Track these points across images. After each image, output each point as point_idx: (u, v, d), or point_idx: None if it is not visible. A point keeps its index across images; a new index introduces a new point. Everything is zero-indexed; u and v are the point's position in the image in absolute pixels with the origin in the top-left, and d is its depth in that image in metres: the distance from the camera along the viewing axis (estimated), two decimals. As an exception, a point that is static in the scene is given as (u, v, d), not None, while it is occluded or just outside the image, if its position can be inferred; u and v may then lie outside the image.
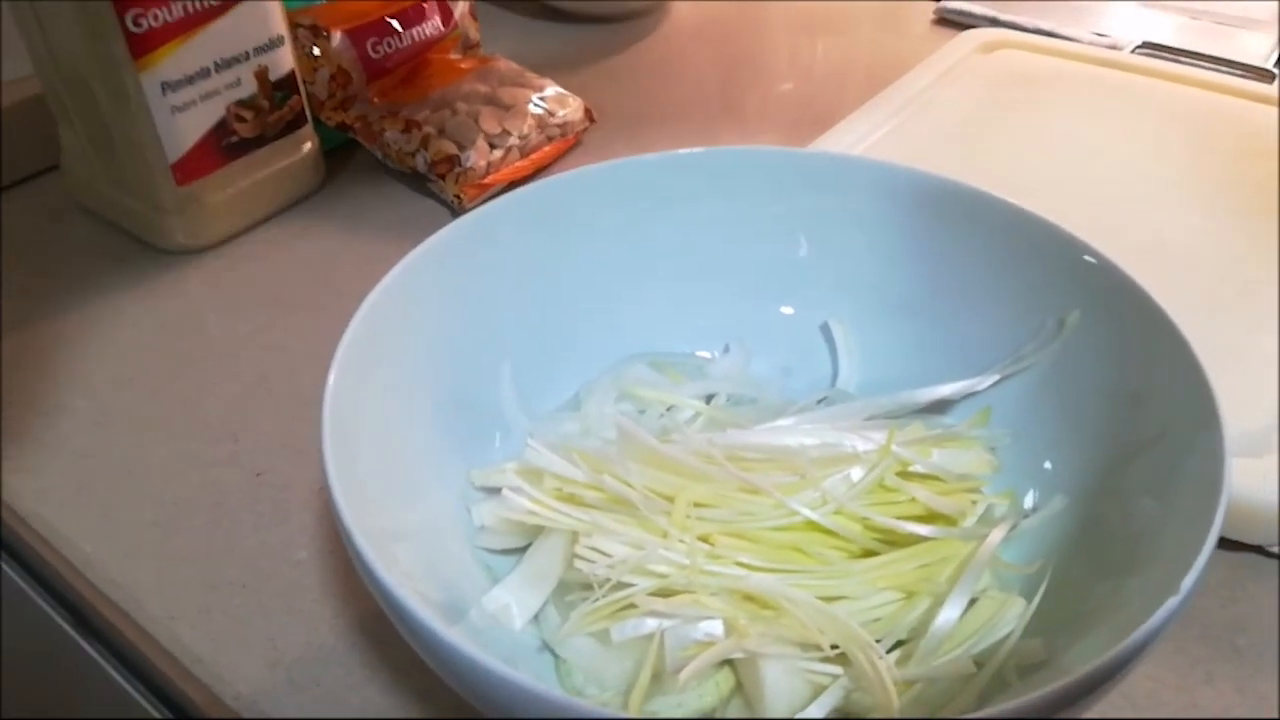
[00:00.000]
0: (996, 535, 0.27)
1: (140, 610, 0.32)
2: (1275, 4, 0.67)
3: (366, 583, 0.23)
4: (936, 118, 0.53)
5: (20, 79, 0.52)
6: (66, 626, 0.36)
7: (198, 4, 0.43)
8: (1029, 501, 0.31)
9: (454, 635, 0.21)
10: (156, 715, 0.34)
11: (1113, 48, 0.62)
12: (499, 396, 0.34)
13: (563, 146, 0.54)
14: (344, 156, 0.55)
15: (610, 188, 0.36)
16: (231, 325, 0.44)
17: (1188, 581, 0.21)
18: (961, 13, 0.69)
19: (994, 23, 0.67)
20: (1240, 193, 0.46)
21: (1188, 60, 0.59)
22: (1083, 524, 0.29)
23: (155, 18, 0.42)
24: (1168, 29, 0.66)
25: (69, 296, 0.46)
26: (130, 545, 0.34)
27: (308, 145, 0.51)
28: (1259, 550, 0.33)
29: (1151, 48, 0.62)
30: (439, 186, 0.51)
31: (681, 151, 0.36)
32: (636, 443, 0.28)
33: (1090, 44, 0.63)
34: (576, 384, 0.36)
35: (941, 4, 0.71)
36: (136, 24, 0.42)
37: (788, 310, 0.38)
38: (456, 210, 0.51)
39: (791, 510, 0.27)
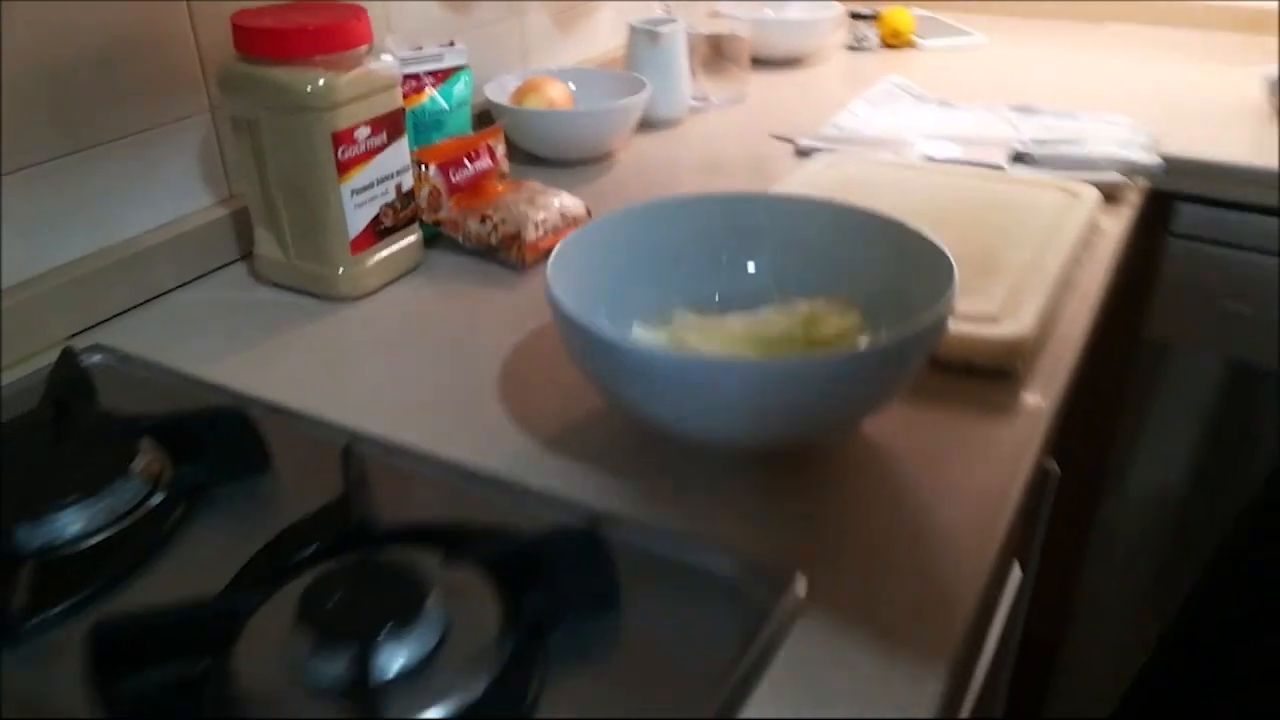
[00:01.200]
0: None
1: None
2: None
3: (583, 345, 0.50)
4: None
5: (204, 209, 0.79)
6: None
7: (370, 144, 0.72)
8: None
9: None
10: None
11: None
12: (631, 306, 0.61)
13: (575, 227, 0.84)
14: (434, 242, 0.83)
15: (653, 214, 0.65)
16: (379, 341, 0.71)
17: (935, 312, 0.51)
18: (811, 148, 1.04)
19: (833, 152, 1.01)
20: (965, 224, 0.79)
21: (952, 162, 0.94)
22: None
23: (350, 152, 0.71)
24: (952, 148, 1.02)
25: (278, 332, 0.72)
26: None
27: (417, 233, 0.79)
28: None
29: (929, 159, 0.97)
30: (505, 254, 0.79)
31: (668, 198, 0.66)
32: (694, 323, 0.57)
33: (894, 161, 0.97)
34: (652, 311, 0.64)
35: (800, 143, 1.05)
36: (341, 156, 0.70)
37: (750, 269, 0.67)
38: (519, 269, 0.79)
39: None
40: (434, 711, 0.40)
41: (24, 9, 0.65)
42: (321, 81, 0.67)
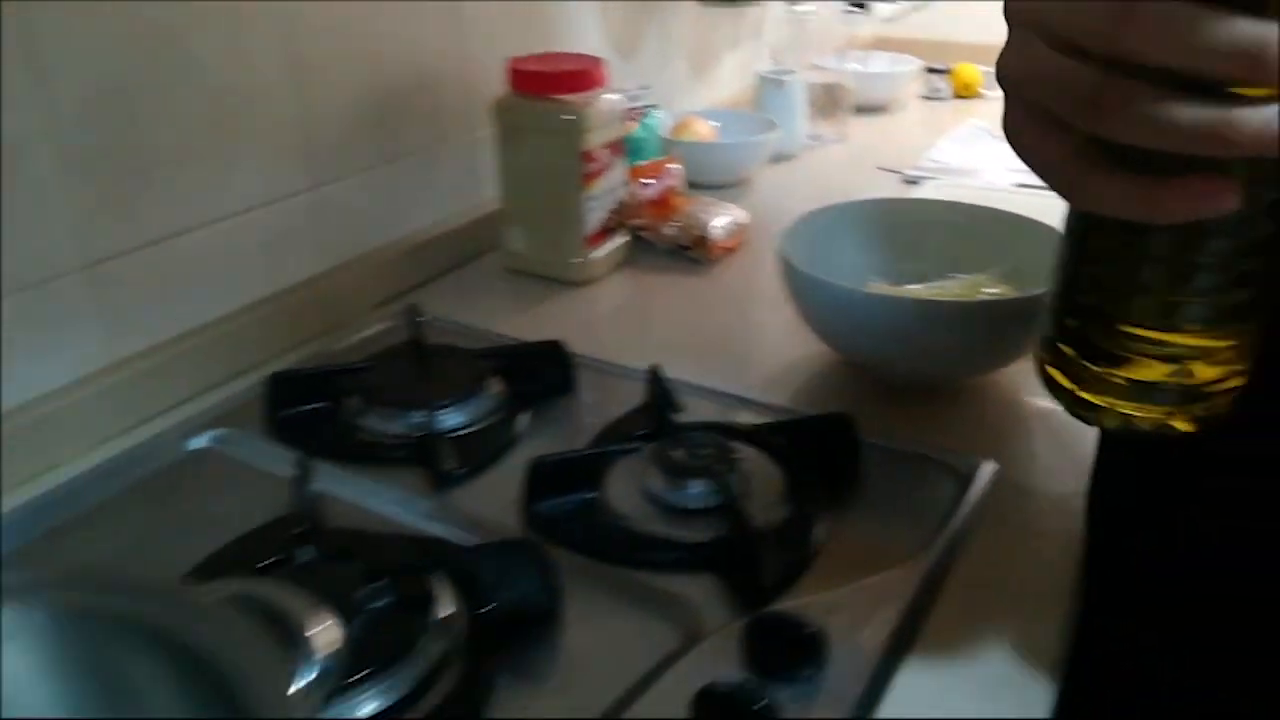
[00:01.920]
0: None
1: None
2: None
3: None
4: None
5: (462, 211, 1.00)
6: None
7: (605, 162, 0.93)
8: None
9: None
10: None
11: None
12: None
13: (743, 233, 1.05)
14: (630, 244, 1.04)
15: (849, 211, 0.85)
16: (613, 313, 0.91)
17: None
18: (917, 177, 1.25)
19: (936, 180, 1.22)
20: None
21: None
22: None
23: (592, 167, 0.91)
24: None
25: (528, 309, 0.92)
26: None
27: (627, 235, 1.00)
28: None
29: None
30: (694, 252, 1.00)
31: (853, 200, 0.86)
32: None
33: (990, 186, 1.18)
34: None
35: (906, 173, 1.26)
36: (587, 169, 0.91)
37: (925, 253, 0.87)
38: (704, 263, 0.99)
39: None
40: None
41: (357, 52, 0.86)
42: (578, 113, 0.89)
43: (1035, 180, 0.38)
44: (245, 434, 0.70)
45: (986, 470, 0.66)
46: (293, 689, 0.30)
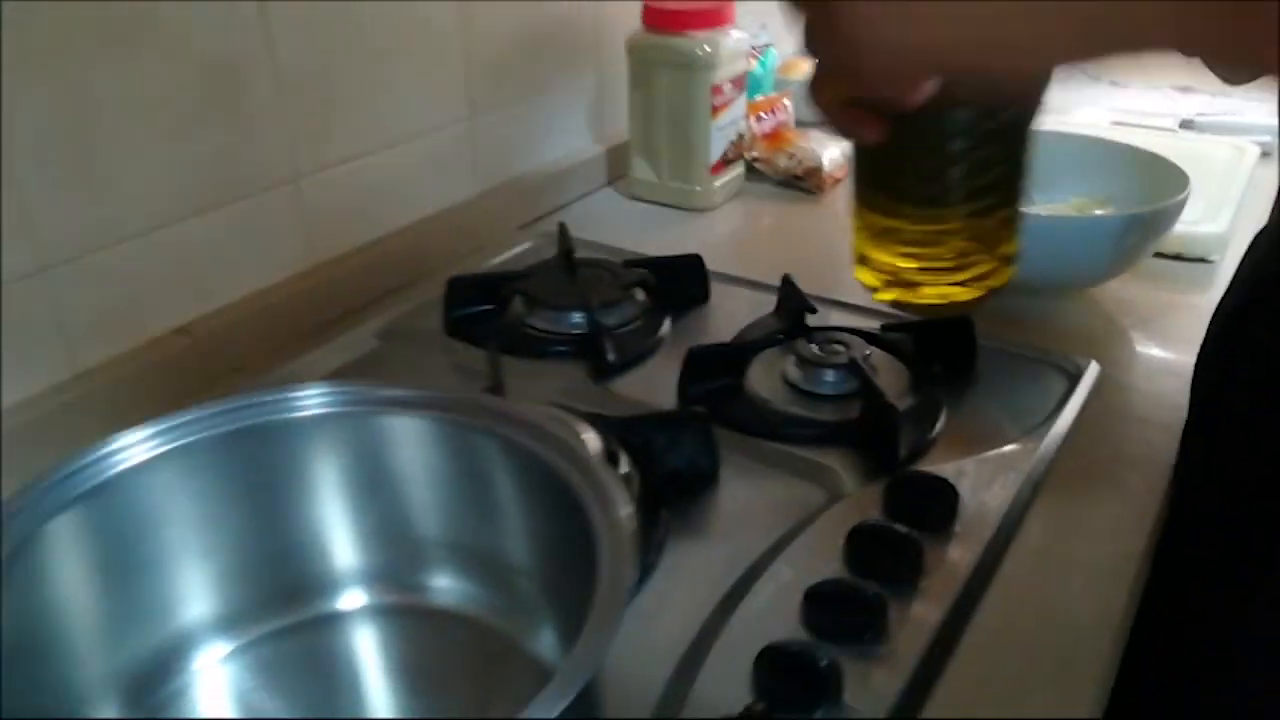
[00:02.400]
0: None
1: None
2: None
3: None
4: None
5: (587, 147, 1.08)
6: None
7: (730, 96, 1.00)
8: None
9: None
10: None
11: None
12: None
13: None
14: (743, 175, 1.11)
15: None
16: (735, 235, 0.99)
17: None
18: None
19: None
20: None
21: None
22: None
23: (719, 100, 0.99)
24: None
25: (655, 232, 1.00)
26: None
27: (742, 166, 1.07)
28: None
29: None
30: (806, 183, 1.07)
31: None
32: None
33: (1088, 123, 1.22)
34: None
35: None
36: (715, 102, 0.98)
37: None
38: (816, 194, 1.07)
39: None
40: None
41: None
42: (709, 47, 0.96)
43: (1129, 118, 0.49)
44: (425, 332, 0.80)
45: (1093, 370, 0.73)
46: (623, 512, 0.39)
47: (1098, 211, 0.83)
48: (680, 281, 0.84)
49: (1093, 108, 1.29)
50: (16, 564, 0.37)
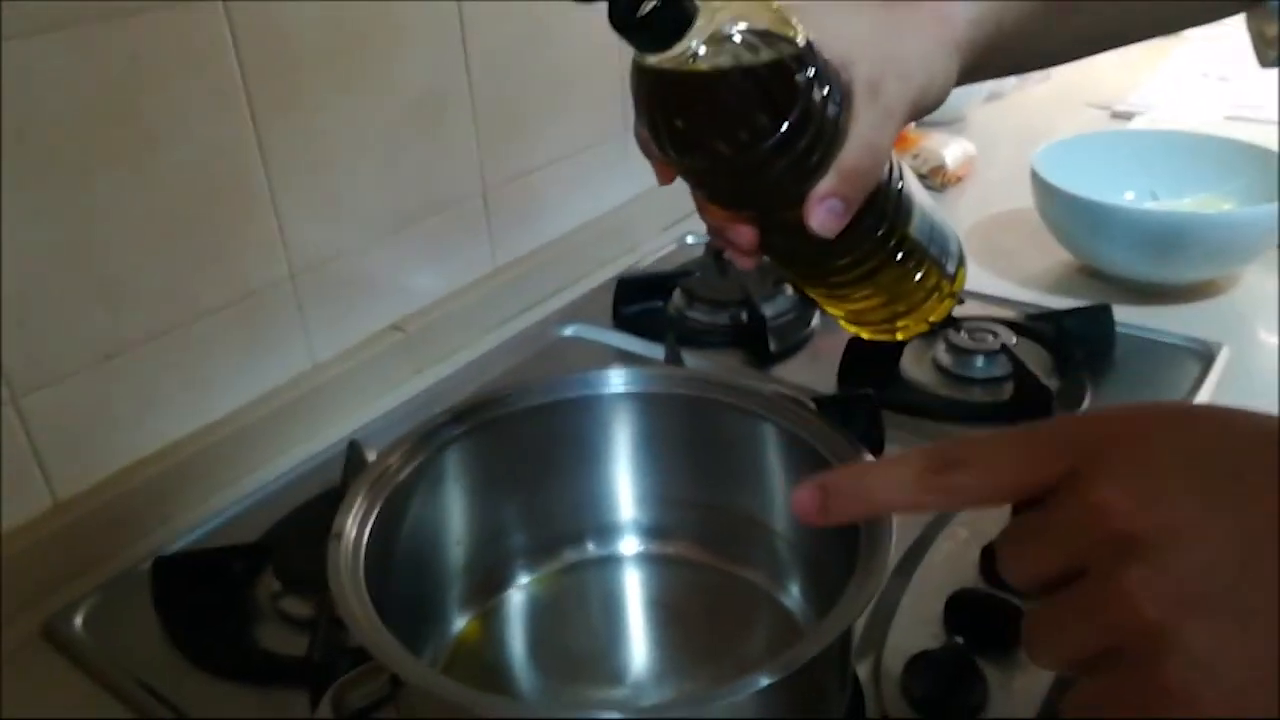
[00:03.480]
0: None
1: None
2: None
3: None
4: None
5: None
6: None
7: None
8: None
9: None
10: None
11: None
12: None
13: (972, 163, 1.17)
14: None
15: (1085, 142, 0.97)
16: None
17: None
18: (1127, 112, 1.34)
19: (1145, 114, 1.31)
20: None
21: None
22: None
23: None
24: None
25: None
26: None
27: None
28: None
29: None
30: (931, 180, 1.13)
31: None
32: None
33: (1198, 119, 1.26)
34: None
35: (1116, 108, 1.35)
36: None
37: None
38: (940, 190, 1.13)
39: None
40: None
41: None
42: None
43: (1244, 113, 0.54)
44: (596, 325, 0.89)
45: (1224, 355, 0.79)
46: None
47: (1224, 207, 0.88)
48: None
49: (1205, 104, 1.32)
50: (420, 478, 0.48)
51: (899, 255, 0.51)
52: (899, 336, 0.55)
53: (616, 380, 0.53)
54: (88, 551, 0.64)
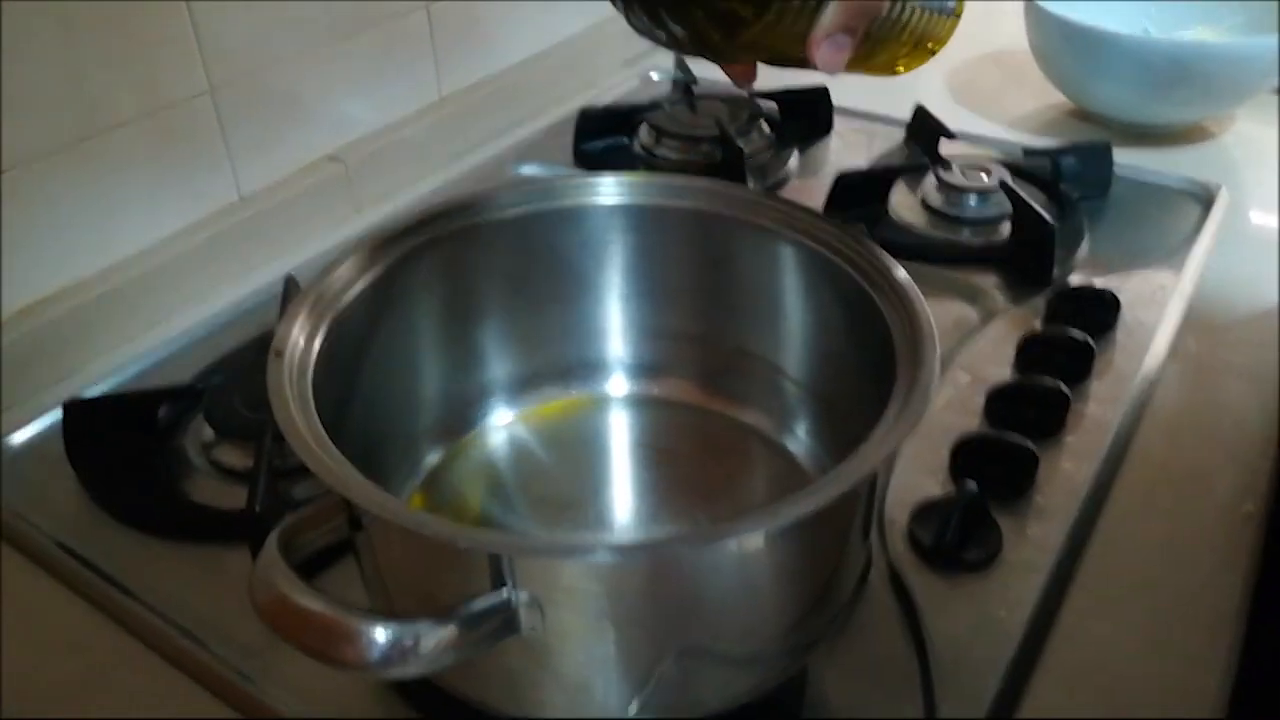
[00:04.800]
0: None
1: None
2: None
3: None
4: None
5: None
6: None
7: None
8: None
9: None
10: None
11: None
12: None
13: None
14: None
15: None
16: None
17: None
18: None
19: None
20: None
21: None
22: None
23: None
24: None
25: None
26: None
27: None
28: None
29: None
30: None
31: None
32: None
33: None
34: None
35: None
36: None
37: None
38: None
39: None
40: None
41: None
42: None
43: None
44: (554, 164, 0.81)
45: (1224, 197, 0.74)
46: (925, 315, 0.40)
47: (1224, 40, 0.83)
48: (803, 114, 0.84)
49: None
50: (376, 293, 0.41)
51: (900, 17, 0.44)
52: (899, 71, 0.49)
53: (607, 189, 0.45)
54: (-13, 400, 0.56)
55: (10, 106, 0.55)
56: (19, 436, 0.55)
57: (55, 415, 0.54)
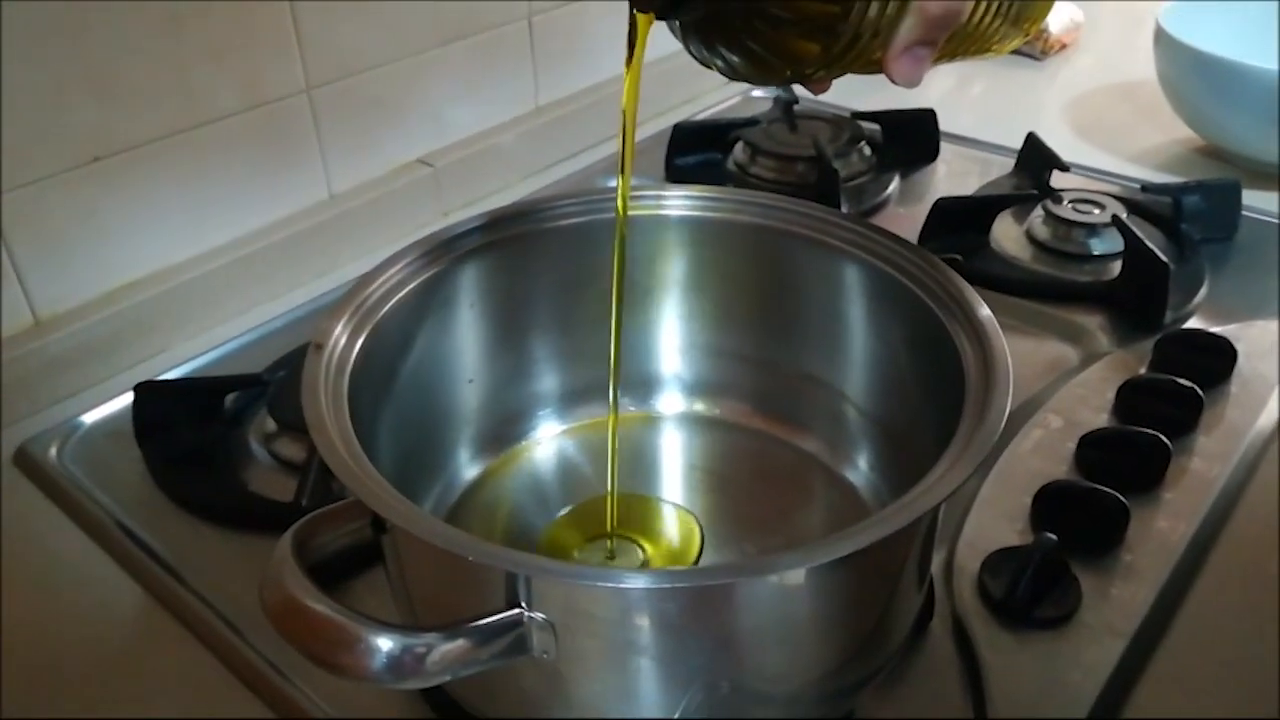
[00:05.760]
0: None
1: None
2: None
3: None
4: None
5: None
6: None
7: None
8: None
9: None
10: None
11: None
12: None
13: (1079, 30, 1.05)
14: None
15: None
16: (949, 96, 0.94)
17: None
18: None
19: None
20: None
21: None
22: None
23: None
24: None
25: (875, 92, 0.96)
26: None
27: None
28: None
29: None
30: (1032, 46, 1.01)
31: None
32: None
33: None
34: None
35: None
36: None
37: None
38: (1039, 57, 1.01)
39: None
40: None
41: None
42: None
43: None
44: (645, 178, 0.80)
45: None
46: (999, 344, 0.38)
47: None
48: (908, 138, 0.81)
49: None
50: (429, 294, 0.40)
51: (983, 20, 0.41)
52: (993, 55, 0.45)
53: (671, 200, 0.44)
54: (70, 378, 0.58)
55: (116, 96, 0.56)
56: (97, 414, 0.56)
57: (130, 396, 0.55)
